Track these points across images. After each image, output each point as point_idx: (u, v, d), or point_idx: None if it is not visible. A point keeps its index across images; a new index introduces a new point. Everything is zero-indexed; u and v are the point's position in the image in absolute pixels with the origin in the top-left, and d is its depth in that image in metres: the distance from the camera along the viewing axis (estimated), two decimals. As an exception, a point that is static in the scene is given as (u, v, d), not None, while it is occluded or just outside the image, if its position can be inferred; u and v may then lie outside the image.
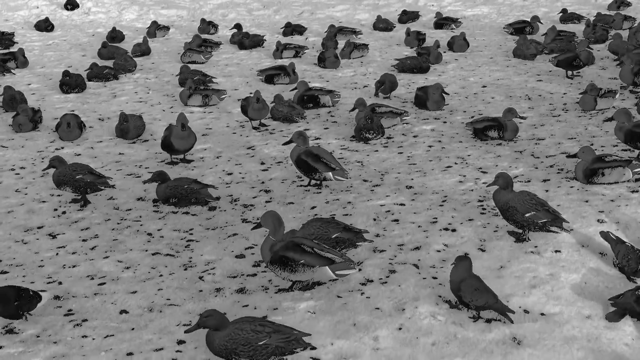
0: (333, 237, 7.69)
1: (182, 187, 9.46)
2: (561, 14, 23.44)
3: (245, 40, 20.34)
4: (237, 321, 6.16)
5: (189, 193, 9.46)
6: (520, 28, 21.44)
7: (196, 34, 20.63)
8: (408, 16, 24.03)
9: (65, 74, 15.65)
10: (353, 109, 12.55)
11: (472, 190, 9.76)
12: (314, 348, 6.19)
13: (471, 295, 6.72)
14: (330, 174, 9.78)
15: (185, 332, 6.15)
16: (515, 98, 14.43)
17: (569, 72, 15.92)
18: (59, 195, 10.06)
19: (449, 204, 9.30)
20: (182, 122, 11.02)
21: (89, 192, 9.63)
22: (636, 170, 9.62)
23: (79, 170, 9.56)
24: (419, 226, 8.66)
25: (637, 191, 9.38)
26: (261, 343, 6.03)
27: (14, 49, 20.28)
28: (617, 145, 11.08)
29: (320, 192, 9.92)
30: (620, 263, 7.28)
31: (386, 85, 14.37)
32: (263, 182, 10.41)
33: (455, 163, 10.83)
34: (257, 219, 9.07)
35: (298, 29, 22.29)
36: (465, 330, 6.60)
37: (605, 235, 7.53)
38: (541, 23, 21.94)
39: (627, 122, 10.60)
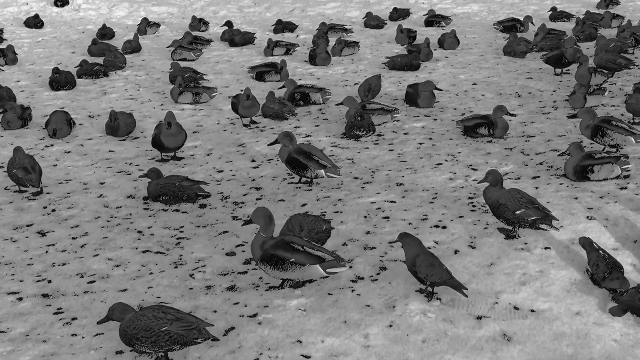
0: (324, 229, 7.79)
1: (173, 185, 9.45)
2: (551, 12, 23.49)
3: (236, 38, 20.33)
4: (142, 309, 6.25)
5: (180, 191, 9.45)
6: (510, 26, 21.48)
7: (187, 31, 20.61)
8: (399, 13, 24.04)
9: (55, 71, 15.61)
10: (340, 104, 12.60)
11: (462, 187, 9.77)
12: (215, 339, 6.23)
13: (426, 271, 6.90)
14: (322, 171, 9.78)
15: (97, 323, 6.31)
16: (505, 95, 14.45)
17: (557, 70, 15.97)
18: (48, 193, 10.04)
19: (440, 201, 9.31)
20: (169, 120, 10.99)
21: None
22: (624, 166, 9.65)
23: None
24: (409, 223, 8.67)
25: (625, 188, 9.41)
26: (163, 329, 6.07)
27: (2, 45, 20.19)
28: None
29: (310, 190, 9.92)
30: (589, 270, 7.27)
31: (371, 91, 14.26)
32: (254, 180, 10.40)
33: (446, 160, 10.85)
34: (248, 216, 9.06)
35: (289, 27, 22.27)
36: (456, 327, 6.61)
37: (582, 242, 7.47)
38: (533, 24, 21.98)
39: (592, 120, 10.71)
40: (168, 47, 18.99)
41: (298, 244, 7.13)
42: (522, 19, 22.08)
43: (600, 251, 7.23)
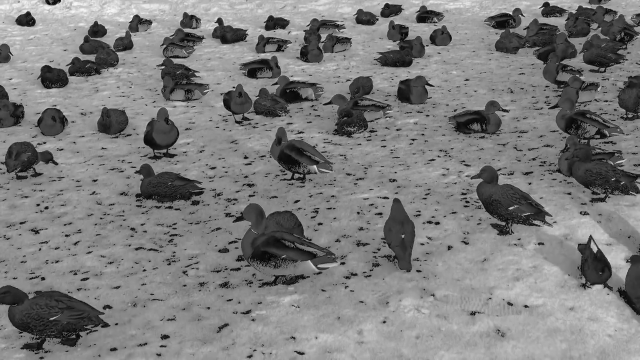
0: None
1: (166, 185, 9.43)
2: (543, 7, 23.52)
3: (227, 35, 20.30)
4: (36, 296, 6.48)
5: (172, 191, 9.43)
6: (502, 21, 21.50)
7: (179, 28, 20.57)
8: (390, 10, 24.04)
9: (47, 69, 15.56)
10: (328, 103, 12.62)
11: (455, 183, 9.78)
12: (105, 325, 6.47)
13: (385, 232, 7.55)
14: (314, 166, 9.77)
15: None
16: (498, 91, 14.47)
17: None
18: (41, 191, 10.02)
19: (433, 197, 9.31)
20: (166, 116, 10.98)
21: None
22: (618, 162, 9.67)
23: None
24: (402, 219, 8.67)
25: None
26: (52, 319, 6.27)
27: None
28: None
29: (303, 186, 9.91)
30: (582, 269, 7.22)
31: (360, 92, 14.25)
32: (246, 176, 10.39)
33: (439, 156, 10.85)
34: (240, 213, 9.05)
35: (280, 23, 22.25)
36: (450, 323, 6.61)
37: (581, 248, 7.41)
38: (523, 16, 22.01)
39: (570, 110, 10.76)
40: (161, 45, 18.94)
41: (289, 240, 7.12)
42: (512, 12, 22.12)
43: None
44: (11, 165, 10.38)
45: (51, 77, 15.48)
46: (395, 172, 10.27)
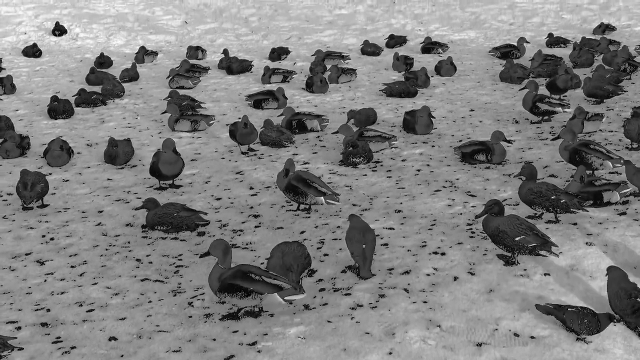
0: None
1: (171, 216, 9.44)
2: (547, 38, 23.61)
3: (233, 66, 20.39)
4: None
5: (178, 221, 9.44)
6: (506, 52, 21.60)
7: (184, 59, 20.65)
8: (395, 40, 24.15)
9: (54, 99, 15.62)
10: (336, 132, 12.68)
11: (461, 213, 9.77)
12: (20, 349, 6.65)
13: (346, 242, 8.05)
14: (322, 198, 9.78)
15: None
16: (503, 122, 14.49)
17: (555, 96, 16.04)
18: (47, 222, 10.03)
19: (438, 228, 9.31)
20: (173, 147, 11.03)
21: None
22: (623, 192, 9.67)
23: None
24: (408, 250, 8.66)
25: (624, 213, 9.42)
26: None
27: (1, 75, 20.21)
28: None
29: (309, 217, 9.92)
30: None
31: (362, 120, 14.31)
32: (252, 207, 10.40)
33: (444, 187, 10.86)
34: (248, 243, 9.06)
35: (279, 52, 22.33)
36: (456, 354, 6.59)
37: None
38: (528, 42, 22.13)
39: (572, 141, 10.80)
40: (167, 76, 19.01)
41: (256, 273, 7.19)
42: (516, 43, 22.22)
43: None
44: (27, 197, 10.36)
45: (57, 108, 15.52)
46: (401, 203, 10.28)
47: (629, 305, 6.90)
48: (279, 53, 22.32)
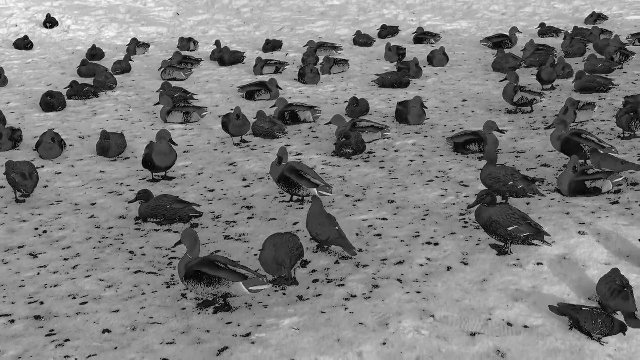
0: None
1: (165, 208, 9.43)
2: (539, 28, 23.62)
3: (225, 57, 20.35)
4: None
5: (172, 213, 9.44)
6: (498, 42, 21.61)
7: (176, 51, 20.63)
8: (388, 31, 24.13)
9: (48, 95, 15.56)
10: (329, 123, 12.69)
11: (453, 204, 9.78)
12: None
13: (317, 229, 8.07)
14: (314, 190, 9.77)
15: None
16: (495, 112, 14.50)
17: (546, 87, 16.09)
18: (39, 215, 10.01)
19: (431, 218, 9.32)
20: (169, 138, 11.05)
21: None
22: (616, 181, 9.69)
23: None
24: (401, 240, 8.67)
25: (617, 202, 9.44)
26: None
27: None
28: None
29: (302, 208, 9.91)
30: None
31: (362, 111, 14.37)
32: (245, 199, 10.39)
33: (437, 177, 10.86)
34: (241, 235, 9.07)
35: (277, 45, 22.32)
36: (450, 344, 6.60)
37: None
38: (520, 32, 22.15)
39: (565, 131, 10.86)
40: (159, 68, 18.97)
41: (221, 262, 7.23)
42: (508, 33, 22.24)
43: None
44: (30, 186, 10.41)
45: (52, 103, 15.47)
46: (394, 194, 10.28)
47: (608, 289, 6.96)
48: (273, 45, 22.28)
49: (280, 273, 7.60)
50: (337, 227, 8.20)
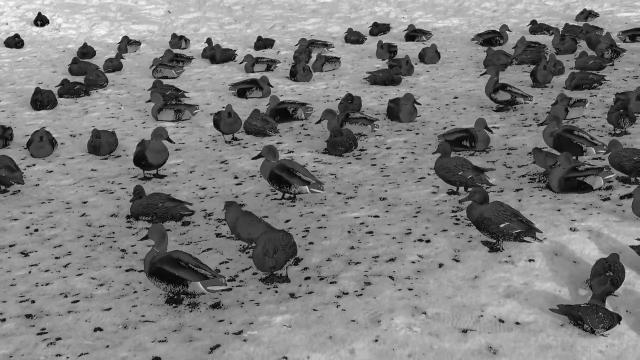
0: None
1: (156, 206, 9.42)
2: (530, 25, 23.64)
3: (216, 55, 20.33)
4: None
5: (163, 212, 9.42)
6: (489, 39, 21.64)
7: (168, 49, 20.60)
8: (379, 28, 24.14)
9: (36, 92, 15.54)
10: (319, 121, 12.72)
11: (445, 201, 9.79)
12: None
13: (247, 230, 8.14)
14: (306, 187, 9.76)
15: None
16: (487, 109, 14.51)
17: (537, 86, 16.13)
18: (30, 213, 9.99)
19: (423, 215, 9.33)
20: (166, 135, 11.09)
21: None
22: (607, 177, 9.71)
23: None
24: (393, 237, 8.67)
25: (608, 199, 9.45)
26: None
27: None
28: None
29: (294, 206, 9.91)
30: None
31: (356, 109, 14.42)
32: (237, 196, 10.39)
33: (429, 174, 10.87)
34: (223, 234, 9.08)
35: (265, 42, 22.29)
36: (441, 341, 6.61)
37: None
38: (509, 31, 22.18)
39: (557, 127, 10.91)
40: (151, 66, 18.94)
41: (184, 260, 7.28)
42: (499, 29, 22.28)
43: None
44: (19, 176, 10.68)
45: (41, 100, 15.44)
46: (386, 191, 10.29)
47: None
48: (265, 43, 22.27)
49: (268, 264, 7.53)
50: (264, 222, 8.38)
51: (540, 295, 7.27)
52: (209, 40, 21.55)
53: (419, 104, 13.99)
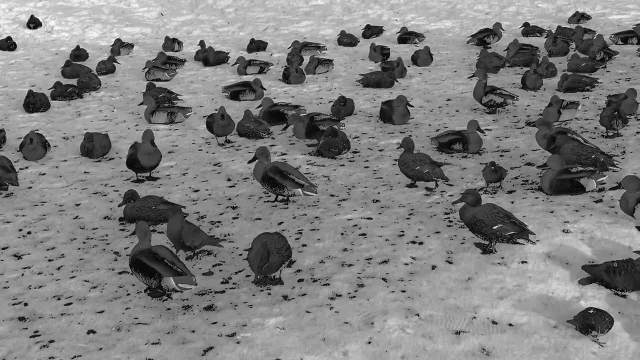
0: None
1: (150, 209, 9.41)
2: (523, 27, 23.68)
3: (209, 57, 20.32)
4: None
5: (156, 215, 9.41)
6: (482, 37, 21.75)
7: (161, 51, 20.58)
8: (372, 31, 24.14)
9: (28, 95, 15.51)
10: (285, 127, 13.03)
11: (438, 203, 9.81)
12: None
13: (192, 238, 8.24)
14: (299, 190, 9.76)
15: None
16: (480, 111, 14.54)
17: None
18: (23, 216, 9.98)
19: (416, 217, 9.34)
20: (151, 138, 11.04)
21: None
22: (599, 180, 9.73)
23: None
24: (386, 240, 8.68)
25: (600, 201, 9.48)
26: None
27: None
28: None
29: (287, 208, 9.92)
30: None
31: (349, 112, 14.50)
32: (230, 199, 10.39)
33: (421, 176, 10.88)
34: (226, 235, 9.06)
35: (258, 44, 22.29)
36: (435, 342, 6.62)
37: None
38: (503, 30, 22.24)
39: (549, 130, 11.01)
40: (144, 68, 18.92)
41: (161, 255, 7.47)
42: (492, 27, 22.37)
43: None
44: (14, 177, 10.76)
45: (34, 102, 15.42)
46: (379, 193, 10.30)
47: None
48: (258, 45, 22.26)
49: (261, 264, 7.53)
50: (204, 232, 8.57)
51: (533, 297, 7.29)
52: (202, 43, 21.55)
53: (411, 106, 14.01)
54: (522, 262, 7.93)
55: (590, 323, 6.64)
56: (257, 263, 7.48)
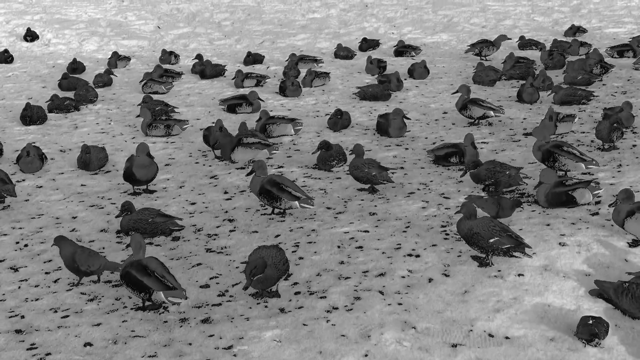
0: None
1: (146, 221, 9.41)
2: (519, 40, 23.74)
3: (206, 70, 20.34)
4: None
5: (153, 227, 9.41)
6: (482, 48, 21.85)
7: (158, 64, 20.59)
8: (368, 44, 24.20)
9: (25, 108, 15.52)
10: (214, 144, 12.86)
11: (435, 215, 9.82)
12: None
13: (87, 262, 8.09)
14: (296, 202, 9.78)
15: None
16: (476, 124, 14.55)
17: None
18: (20, 228, 9.98)
19: (413, 230, 9.35)
20: (147, 151, 11.03)
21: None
22: (595, 192, 9.76)
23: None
24: (383, 252, 8.69)
25: (597, 213, 9.50)
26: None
27: (-27, 81, 20.12)
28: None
29: (284, 221, 9.92)
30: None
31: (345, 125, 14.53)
32: (227, 212, 10.39)
33: (418, 189, 10.90)
34: (223, 248, 9.06)
35: (258, 58, 22.33)
36: (431, 355, 6.62)
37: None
38: (509, 39, 22.35)
39: (545, 142, 11.13)
40: (140, 81, 18.94)
41: (151, 269, 7.50)
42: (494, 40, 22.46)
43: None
44: (12, 189, 10.77)
45: (30, 115, 15.43)
46: (375, 206, 10.31)
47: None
48: (254, 58, 22.29)
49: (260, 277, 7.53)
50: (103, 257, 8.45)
51: (530, 309, 7.30)
52: (199, 56, 21.58)
53: (408, 118, 14.04)
54: (519, 275, 7.94)
55: (595, 332, 6.67)
56: (250, 269, 7.46)
